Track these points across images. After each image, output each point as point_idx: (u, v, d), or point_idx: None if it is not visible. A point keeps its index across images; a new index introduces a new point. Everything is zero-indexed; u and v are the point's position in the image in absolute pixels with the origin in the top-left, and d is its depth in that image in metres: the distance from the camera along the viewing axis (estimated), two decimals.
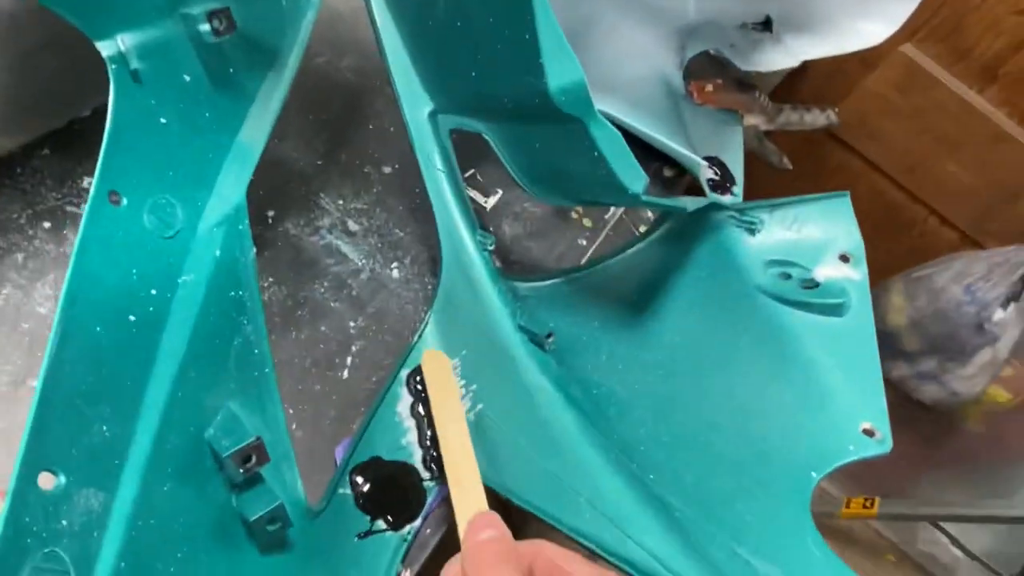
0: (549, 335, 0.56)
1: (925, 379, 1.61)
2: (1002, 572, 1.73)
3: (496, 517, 0.40)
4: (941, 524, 1.88)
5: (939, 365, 1.59)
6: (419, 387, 0.55)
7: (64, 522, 0.34)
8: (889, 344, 1.60)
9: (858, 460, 0.48)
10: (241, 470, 0.40)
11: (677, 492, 0.48)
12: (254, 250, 0.49)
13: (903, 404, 1.69)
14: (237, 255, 0.48)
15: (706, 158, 0.69)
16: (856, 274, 0.56)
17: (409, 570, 0.49)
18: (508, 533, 0.39)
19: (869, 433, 0.49)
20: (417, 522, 0.50)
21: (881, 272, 1.64)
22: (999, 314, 1.52)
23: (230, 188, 0.49)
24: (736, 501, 0.47)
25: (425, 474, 0.52)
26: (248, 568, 0.41)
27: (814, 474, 0.48)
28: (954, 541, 1.84)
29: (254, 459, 0.41)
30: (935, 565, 1.96)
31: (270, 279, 0.56)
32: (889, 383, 1.81)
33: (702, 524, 0.46)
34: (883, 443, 0.49)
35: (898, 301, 1.60)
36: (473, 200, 0.68)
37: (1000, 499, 1.75)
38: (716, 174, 0.68)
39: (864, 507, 1.70)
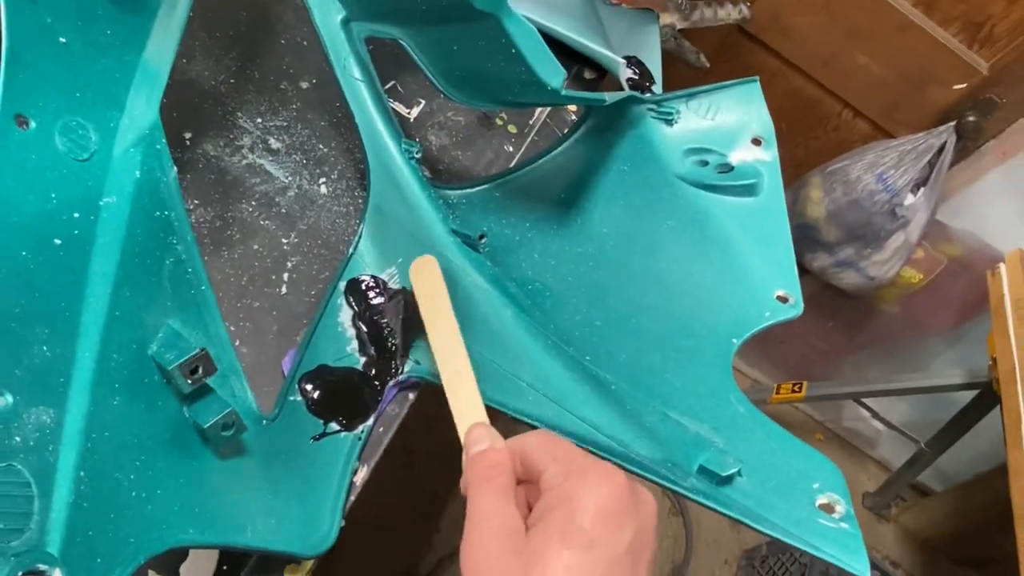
0: (481, 236, 0.58)
1: (844, 267, 1.70)
2: (919, 438, 1.88)
3: (487, 429, 0.41)
4: (863, 401, 2.03)
5: (856, 252, 1.68)
6: (361, 298, 0.56)
7: (17, 439, 0.34)
8: (809, 236, 1.68)
9: (773, 324, 0.52)
10: (189, 381, 0.41)
11: (612, 369, 0.52)
12: (175, 170, 0.48)
13: (824, 293, 1.79)
14: (158, 176, 0.48)
15: (625, 58, 0.70)
16: (767, 155, 0.59)
17: (366, 466, 0.51)
18: (499, 442, 0.39)
19: (783, 299, 0.53)
20: (369, 421, 0.52)
21: (800, 168, 1.70)
22: (909, 199, 1.60)
23: (142, 108, 0.48)
24: (665, 371, 0.51)
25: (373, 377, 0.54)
26: (209, 473, 0.42)
27: (734, 340, 0.52)
28: (875, 415, 1.99)
29: (201, 370, 0.42)
30: (859, 439, 2.12)
31: (195, 201, 0.56)
32: (810, 274, 1.90)
33: (635, 394, 0.50)
34: (795, 307, 0.53)
35: (816, 194, 1.68)
36: (396, 112, 0.68)
37: (915, 372, 1.89)
38: (635, 73, 0.70)
39: (793, 391, 1.82)
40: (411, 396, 0.55)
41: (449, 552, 1.63)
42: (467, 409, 0.43)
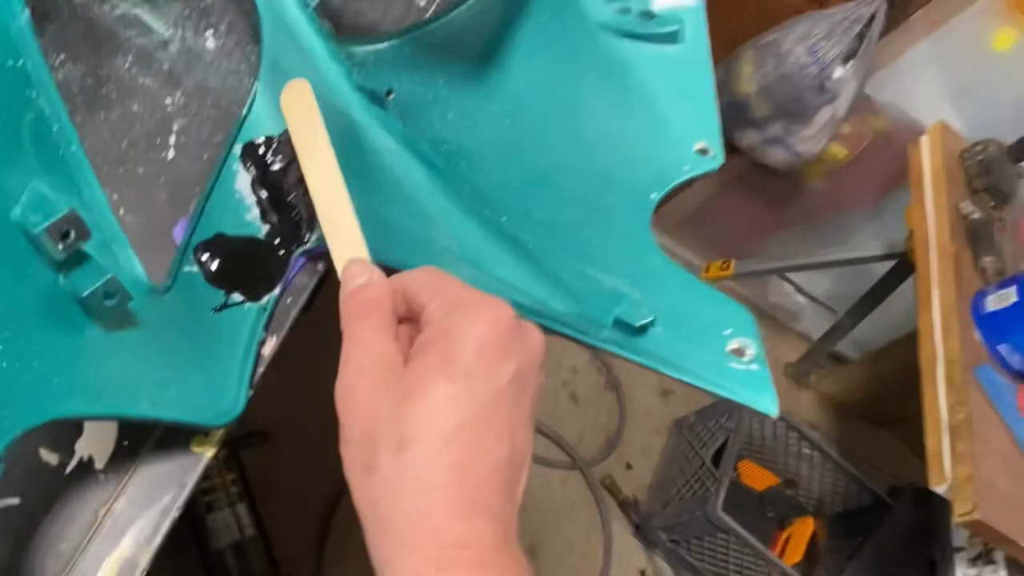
0: (389, 92, 0.54)
1: (772, 143, 1.71)
2: (838, 309, 1.97)
3: (366, 265, 0.39)
4: (788, 276, 2.10)
5: (784, 128, 1.69)
6: (260, 162, 0.52)
7: None
8: (740, 113, 1.67)
9: (693, 177, 0.51)
10: (60, 246, 0.37)
11: (529, 229, 0.50)
12: (27, 13, 0.42)
13: (753, 171, 1.81)
14: (6, 20, 0.42)
15: None
16: (691, 1, 0.56)
17: (275, 336, 0.49)
18: (379, 277, 0.37)
19: (703, 152, 0.51)
20: (275, 291, 0.49)
21: (732, 43, 1.66)
22: (839, 71, 1.60)
23: None
24: (583, 229, 0.49)
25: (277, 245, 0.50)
26: (94, 344, 0.39)
27: (653, 195, 0.50)
28: (799, 289, 2.07)
29: (73, 234, 0.38)
30: (783, 313, 2.21)
31: (62, 56, 0.50)
32: (739, 151, 1.90)
33: (553, 252, 0.48)
34: (715, 159, 0.51)
35: (748, 69, 1.65)
36: None
37: (838, 247, 1.96)
38: None
39: (721, 269, 1.86)
40: (320, 267, 0.52)
41: None
42: (345, 244, 0.41)
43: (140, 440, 0.43)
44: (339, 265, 0.40)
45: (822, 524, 1.88)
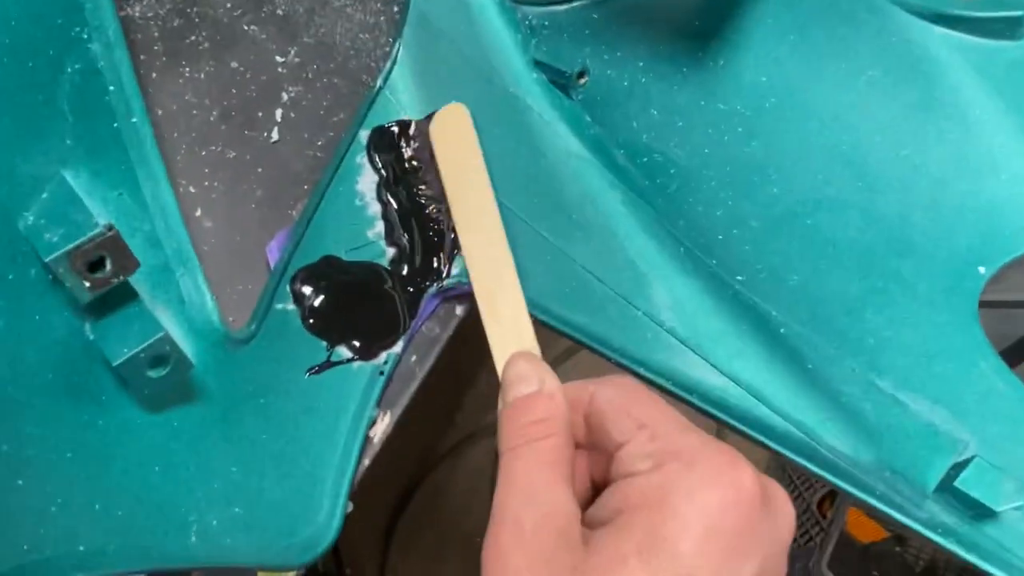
0: (582, 74, 0.38)
1: None
2: None
3: (536, 363, 0.28)
4: None
5: None
6: (393, 156, 0.37)
7: None
8: None
9: None
10: (87, 283, 0.23)
11: (777, 298, 0.33)
12: None
13: None
14: None
15: None
16: None
17: (388, 413, 0.34)
18: (553, 384, 0.27)
19: None
20: (398, 347, 0.34)
21: None
22: None
23: None
24: (867, 309, 0.32)
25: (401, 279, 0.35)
26: (125, 435, 0.25)
27: (982, 269, 0.32)
28: None
29: (109, 263, 0.23)
30: None
31: None
32: None
33: (819, 344, 0.31)
34: None
35: None
36: None
37: (992, 283, 1.69)
38: None
39: None
40: (459, 311, 0.37)
41: (472, 431, 1.54)
42: (508, 329, 0.30)
43: None
44: (499, 356, 0.30)
45: None
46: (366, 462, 0.33)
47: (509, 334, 0.29)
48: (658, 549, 0.21)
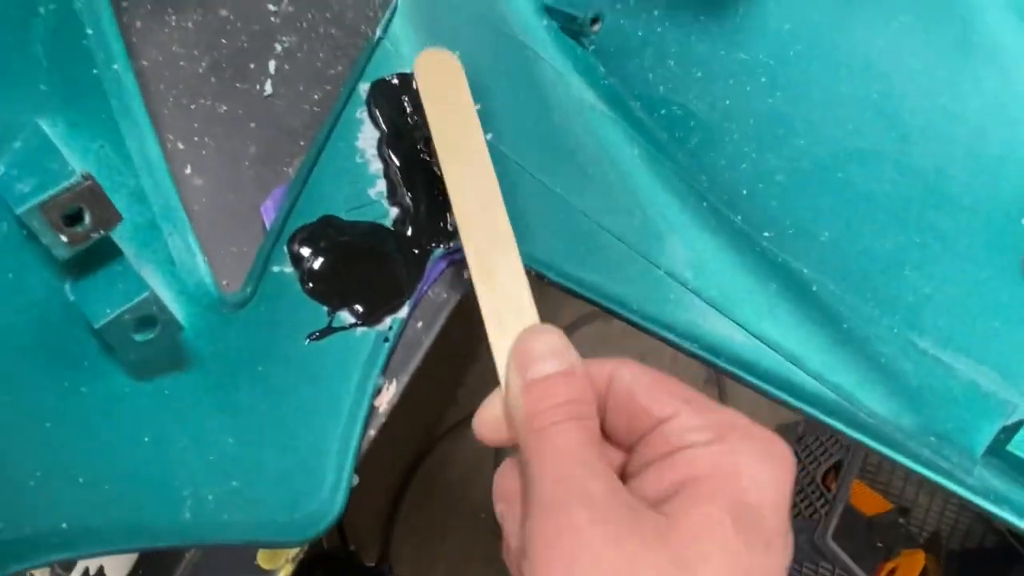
0: (596, 19, 0.35)
1: None
2: None
3: (561, 338, 0.25)
4: None
5: None
6: (395, 110, 0.35)
7: None
8: None
9: None
10: (64, 237, 0.21)
11: (808, 255, 0.31)
12: None
13: None
14: None
15: None
16: None
17: (394, 382, 0.32)
18: (578, 360, 0.25)
19: None
20: (403, 311, 0.32)
21: None
22: None
23: None
24: (904, 266, 0.30)
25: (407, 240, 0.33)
26: (111, 403, 0.23)
27: None
28: None
29: (87, 216, 0.21)
30: None
31: None
32: None
33: (855, 303, 0.29)
34: None
35: None
36: None
37: None
38: None
39: None
40: (467, 275, 0.35)
41: (475, 409, 1.53)
42: (505, 297, 0.27)
43: (164, 568, 0.27)
44: (501, 331, 0.26)
45: (934, 561, 1.67)
46: (372, 433, 0.31)
47: (506, 303, 0.26)
48: (749, 515, 0.22)
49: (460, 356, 1.50)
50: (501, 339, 0.26)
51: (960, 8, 0.35)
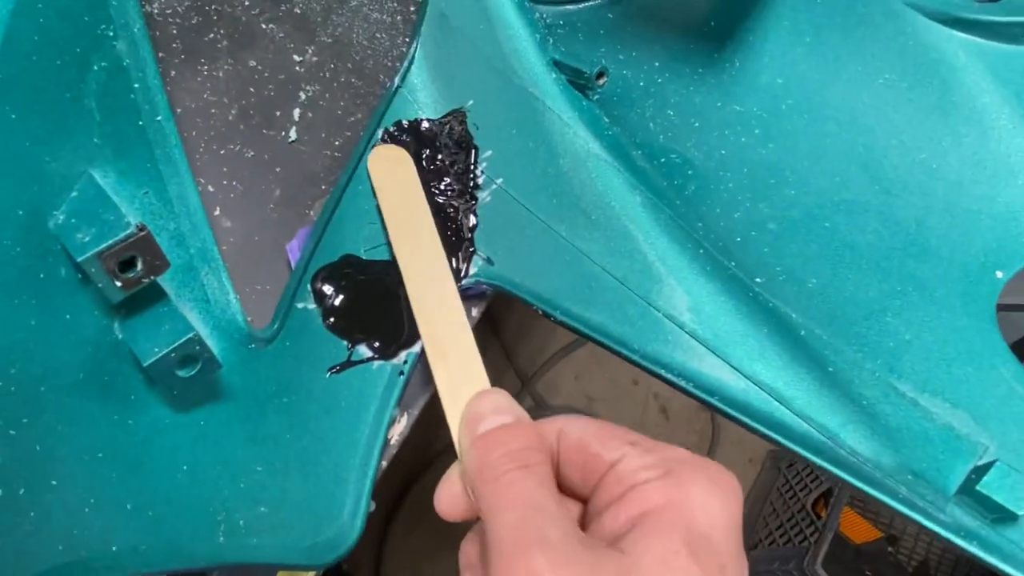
0: (601, 74, 0.38)
1: None
2: None
3: (504, 395, 0.27)
4: None
5: None
6: (416, 152, 0.37)
7: None
8: None
9: None
10: (118, 283, 0.23)
11: (797, 301, 0.33)
12: None
13: None
14: None
15: None
16: None
17: (406, 414, 0.34)
18: (524, 415, 0.26)
19: None
20: (417, 346, 0.34)
21: None
22: None
23: None
24: (886, 313, 0.32)
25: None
26: (154, 434, 0.25)
27: (999, 273, 0.33)
28: None
29: (140, 263, 0.23)
30: None
31: None
32: None
33: (840, 347, 0.32)
34: None
35: None
36: None
37: None
38: None
39: None
40: (475, 312, 0.37)
41: None
42: (461, 376, 0.29)
43: None
44: (450, 400, 0.28)
45: None
46: (384, 464, 0.33)
47: (460, 378, 0.28)
48: (701, 543, 0.22)
49: None
50: (456, 411, 0.27)
51: (942, 69, 0.38)
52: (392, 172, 0.34)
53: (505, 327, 1.61)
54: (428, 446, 1.48)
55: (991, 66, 0.37)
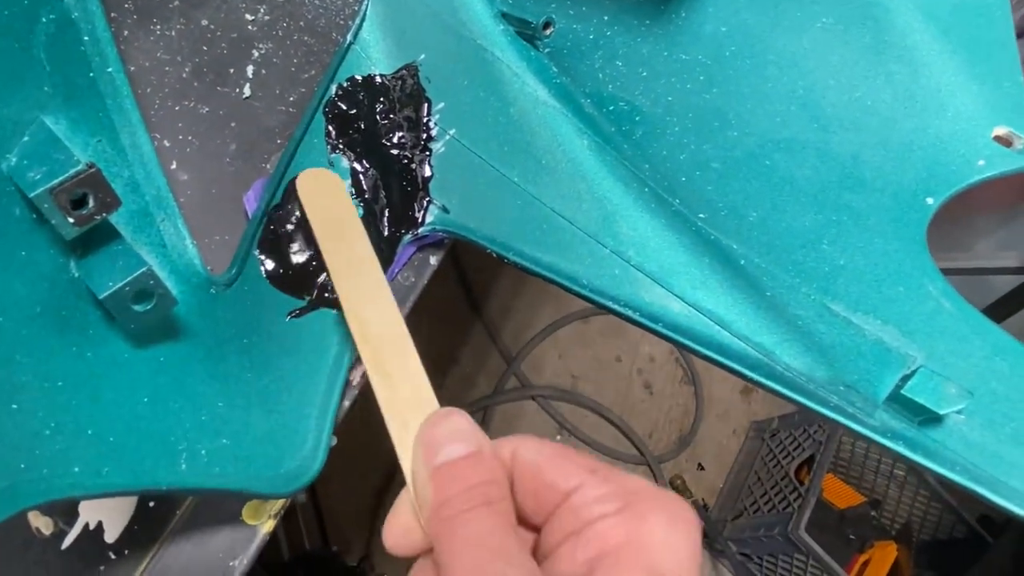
0: (547, 24, 0.39)
1: None
2: None
3: (466, 421, 0.25)
4: None
5: None
6: (368, 107, 0.38)
7: None
8: None
9: (989, 178, 0.35)
10: (71, 219, 0.24)
11: (738, 233, 0.35)
12: None
13: None
14: None
15: None
16: None
17: None
18: (484, 440, 0.24)
19: (1004, 141, 0.35)
20: None
21: None
22: None
23: None
24: (822, 241, 0.34)
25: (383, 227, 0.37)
26: (116, 372, 0.26)
27: (929, 200, 0.34)
28: None
29: (92, 200, 0.24)
30: None
31: None
32: None
33: (777, 274, 0.33)
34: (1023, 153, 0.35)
35: None
36: None
37: (961, 251, 1.73)
38: None
39: None
40: (433, 260, 0.38)
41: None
42: (408, 398, 0.26)
43: (158, 522, 0.30)
44: (401, 420, 0.25)
45: (905, 552, 1.71)
46: (346, 403, 0.34)
47: (407, 400, 0.26)
48: None
49: (439, 358, 1.53)
50: (405, 436, 0.25)
51: (876, 11, 0.39)
52: (322, 194, 0.32)
53: (488, 307, 1.62)
54: None
55: (920, 5, 0.38)
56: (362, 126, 0.38)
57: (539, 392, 1.62)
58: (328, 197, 0.32)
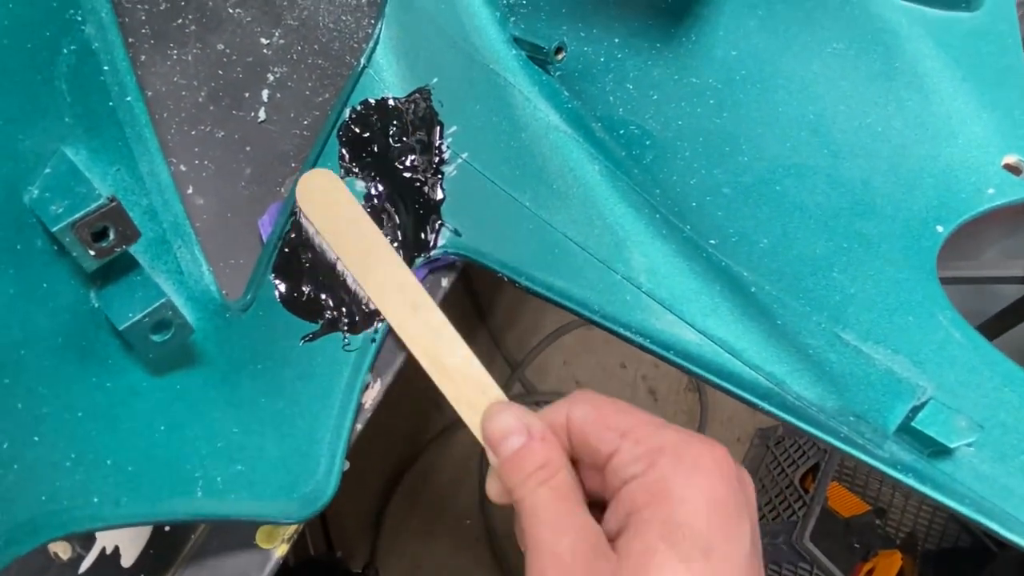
0: (559, 49, 0.39)
1: None
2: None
3: (516, 412, 0.29)
4: None
5: None
6: (381, 130, 0.38)
7: None
8: None
9: (999, 207, 0.35)
10: (91, 252, 0.24)
11: (749, 260, 0.35)
12: None
13: None
14: None
15: None
16: None
17: (379, 381, 0.35)
18: (537, 426, 0.28)
19: (1014, 170, 0.35)
20: None
21: None
22: None
23: None
24: (832, 268, 0.34)
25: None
26: (134, 400, 0.26)
27: (939, 228, 0.34)
28: None
29: (112, 233, 0.25)
30: None
31: None
32: None
33: (788, 302, 0.33)
34: None
35: None
36: None
37: (968, 260, 1.73)
38: None
39: None
40: (445, 282, 0.39)
41: (459, 416, 1.55)
42: (467, 384, 0.30)
43: (174, 547, 0.30)
44: (468, 413, 0.30)
45: (910, 561, 1.71)
46: (359, 427, 0.34)
47: (467, 387, 0.29)
48: (679, 533, 0.24)
49: None
50: (475, 418, 0.29)
51: (886, 37, 0.39)
52: (325, 198, 0.33)
53: (493, 314, 1.63)
54: (419, 434, 1.49)
55: (932, 32, 0.38)
56: (375, 149, 0.38)
57: (544, 398, 1.62)
58: (331, 200, 0.33)
